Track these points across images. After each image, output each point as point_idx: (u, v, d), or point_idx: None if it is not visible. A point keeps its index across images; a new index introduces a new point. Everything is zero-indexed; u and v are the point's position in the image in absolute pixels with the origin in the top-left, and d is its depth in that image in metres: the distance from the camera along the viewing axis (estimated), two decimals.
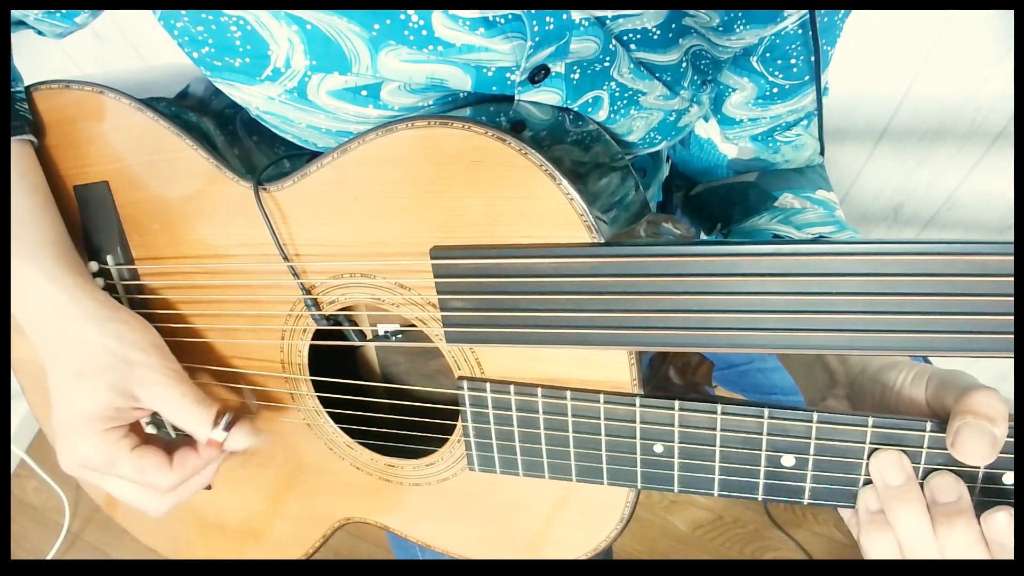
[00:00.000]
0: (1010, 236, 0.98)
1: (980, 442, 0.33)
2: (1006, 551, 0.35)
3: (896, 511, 0.36)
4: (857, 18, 0.84)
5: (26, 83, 0.51)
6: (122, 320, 0.46)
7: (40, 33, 0.49)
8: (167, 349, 0.48)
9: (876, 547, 0.37)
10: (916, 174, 0.98)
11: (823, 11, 0.47)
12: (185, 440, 0.49)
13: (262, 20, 0.39)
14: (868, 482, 0.38)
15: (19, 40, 0.50)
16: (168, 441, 0.50)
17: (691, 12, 0.43)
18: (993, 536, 0.35)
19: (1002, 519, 0.34)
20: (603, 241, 0.37)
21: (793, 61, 0.49)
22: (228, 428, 0.47)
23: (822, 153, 0.60)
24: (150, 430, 0.59)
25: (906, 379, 0.40)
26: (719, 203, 0.61)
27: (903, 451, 0.37)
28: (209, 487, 0.62)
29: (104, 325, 0.45)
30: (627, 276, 0.37)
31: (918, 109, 0.91)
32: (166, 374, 0.46)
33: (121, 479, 0.46)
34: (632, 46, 0.43)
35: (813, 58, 0.49)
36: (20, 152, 0.48)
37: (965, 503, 0.35)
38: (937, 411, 0.37)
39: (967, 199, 0.98)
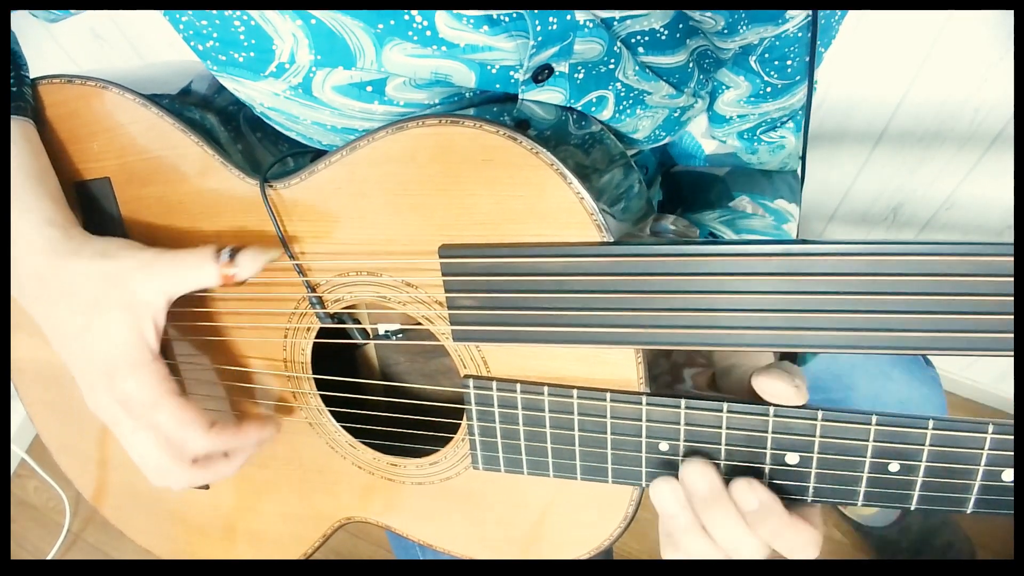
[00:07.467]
0: (1009, 236, 0.98)
1: (786, 375, 0.37)
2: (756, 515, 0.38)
3: (709, 516, 0.39)
4: (856, 18, 0.84)
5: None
6: (103, 240, 0.46)
7: (33, 14, 0.49)
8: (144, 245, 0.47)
9: (691, 551, 0.40)
10: (915, 175, 0.98)
11: (823, 12, 0.48)
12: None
13: (266, 15, 0.39)
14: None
15: (17, 30, 0.50)
16: None
17: (696, 17, 0.43)
18: (741, 504, 0.38)
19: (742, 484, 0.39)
20: (612, 240, 0.38)
21: (790, 62, 0.50)
22: (232, 258, 0.45)
23: (803, 156, 0.59)
24: None
25: (746, 373, 0.41)
26: (689, 187, 0.62)
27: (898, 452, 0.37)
28: (207, 486, 0.62)
29: (92, 249, 0.45)
30: (636, 275, 0.37)
31: (917, 110, 0.91)
32: (147, 252, 0.45)
33: (151, 432, 0.45)
34: (640, 49, 0.43)
35: (808, 59, 0.49)
36: (24, 127, 0.48)
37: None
38: (750, 390, 0.40)
39: (966, 200, 0.98)
